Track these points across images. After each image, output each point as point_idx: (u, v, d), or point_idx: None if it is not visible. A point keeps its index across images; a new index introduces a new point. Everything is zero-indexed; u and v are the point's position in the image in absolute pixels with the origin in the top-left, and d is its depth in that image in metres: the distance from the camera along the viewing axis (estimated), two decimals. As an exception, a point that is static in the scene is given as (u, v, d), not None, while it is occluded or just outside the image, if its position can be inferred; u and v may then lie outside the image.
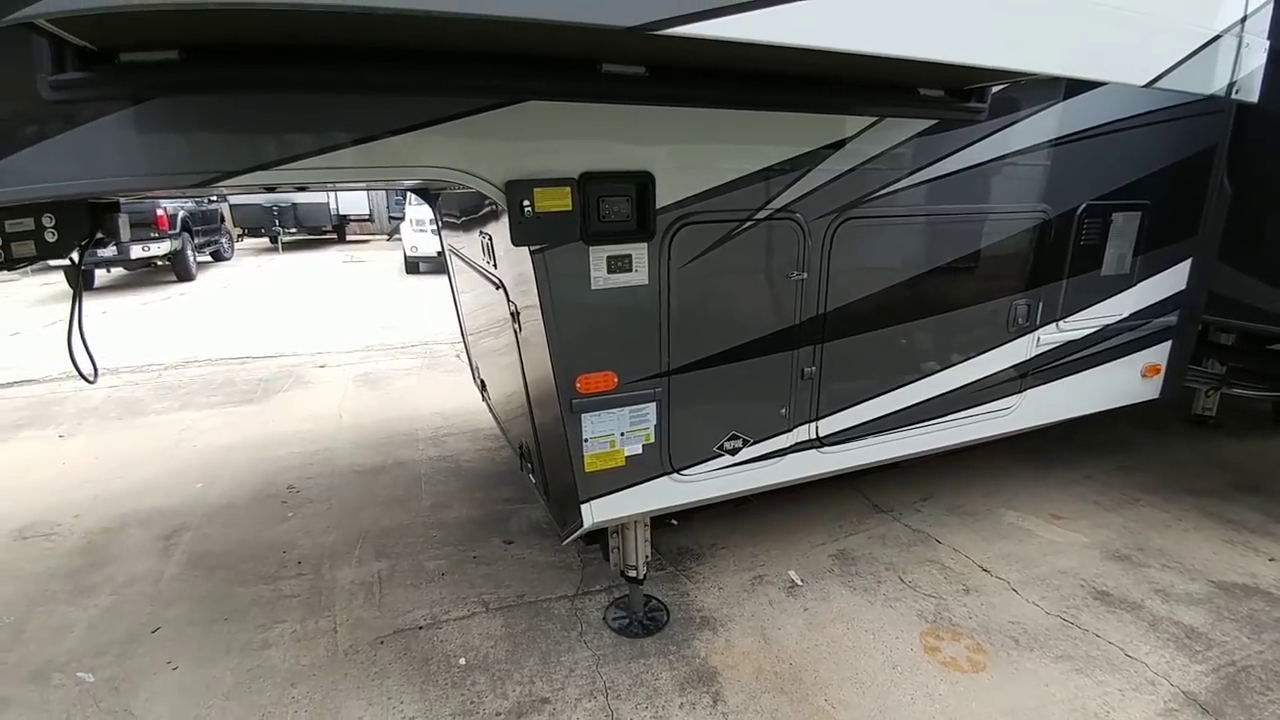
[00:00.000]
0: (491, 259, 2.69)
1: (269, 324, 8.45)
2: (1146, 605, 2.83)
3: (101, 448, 4.60)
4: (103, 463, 4.33)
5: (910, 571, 3.06)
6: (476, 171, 1.91)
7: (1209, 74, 1.81)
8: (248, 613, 2.82)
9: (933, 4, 1.43)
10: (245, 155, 1.70)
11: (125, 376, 6.19)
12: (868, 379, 2.77)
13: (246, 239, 17.62)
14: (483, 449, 4.47)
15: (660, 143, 2.09)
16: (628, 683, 2.41)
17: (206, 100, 1.64)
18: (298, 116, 1.70)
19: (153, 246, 10.59)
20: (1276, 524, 3.47)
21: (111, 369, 6.14)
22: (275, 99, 1.67)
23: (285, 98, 1.67)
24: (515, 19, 1.12)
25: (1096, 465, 4.13)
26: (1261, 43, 1.87)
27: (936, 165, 2.59)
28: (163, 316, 9.10)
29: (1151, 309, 3.39)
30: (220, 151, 1.69)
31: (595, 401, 2.22)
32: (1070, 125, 2.82)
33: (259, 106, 1.66)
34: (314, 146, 1.71)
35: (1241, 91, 1.88)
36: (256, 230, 16.55)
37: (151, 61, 1.50)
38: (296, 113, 1.69)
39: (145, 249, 10.44)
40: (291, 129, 1.71)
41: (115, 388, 5.84)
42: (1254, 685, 2.38)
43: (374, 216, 19.55)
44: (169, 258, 11.29)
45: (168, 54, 1.50)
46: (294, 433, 4.80)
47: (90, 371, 2.53)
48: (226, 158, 1.69)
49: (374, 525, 3.51)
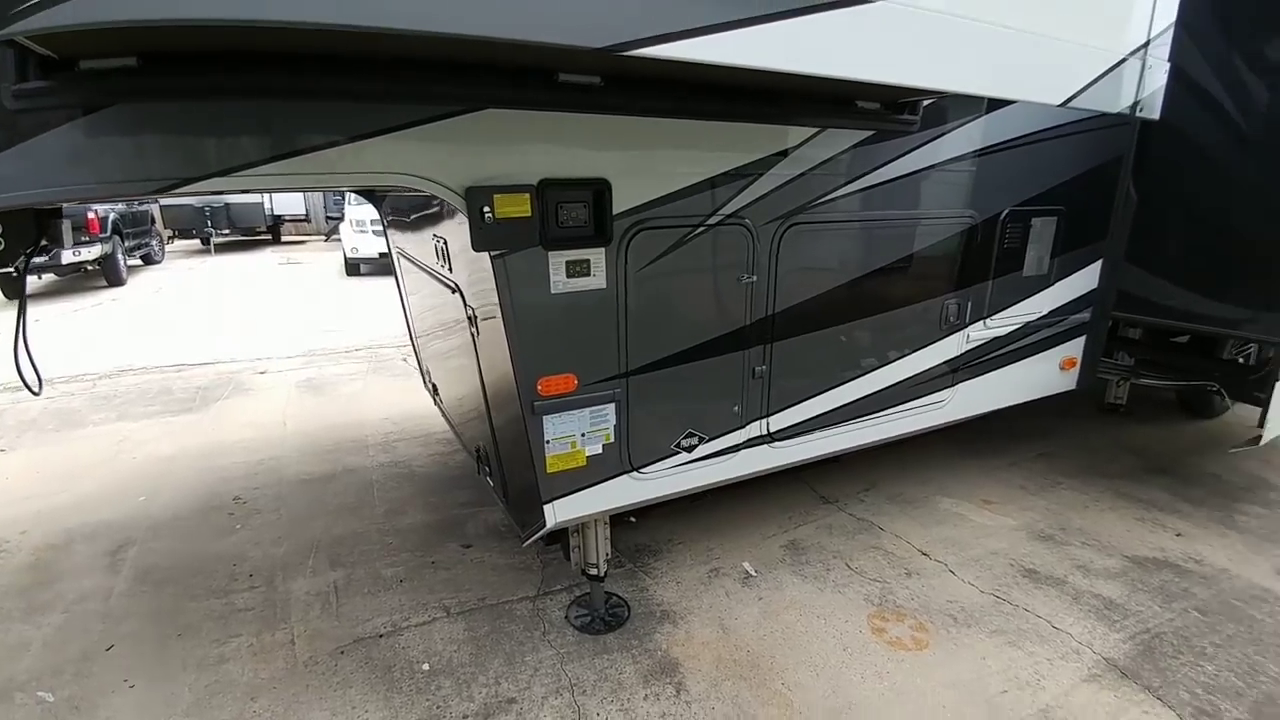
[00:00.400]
0: (446, 262, 2.69)
1: (205, 329, 8.09)
2: (1069, 581, 3.06)
3: (41, 461, 4.37)
4: (44, 477, 4.13)
5: (856, 558, 3.22)
6: (436, 178, 1.92)
7: (1117, 93, 2.01)
8: (201, 627, 2.74)
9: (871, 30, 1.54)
10: (205, 161, 1.69)
11: (60, 387, 5.85)
12: (814, 376, 2.91)
13: (177, 241, 16.72)
14: (436, 454, 4.42)
15: (616, 150, 2.15)
16: (593, 678, 2.46)
17: (165, 107, 1.61)
18: (257, 123, 1.69)
19: (84, 251, 9.92)
20: (1182, 502, 3.81)
21: (47, 379, 5.77)
22: (235, 105, 1.65)
23: (245, 104, 1.66)
24: (492, 39, 1.16)
25: (1021, 453, 4.43)
26: (1163, 64, 2.08)
27: (873, 174, 2.75)
28: (94, 324, 8.60)
29: (1068, 306, 3.68)
30: (180, 158, 1.66)
31: (556, 403, 2.27)
32: (993, 137, 3.04)
33: (218, 113, 1.64)
34: (273, 153, 1.70)
35: (1145, 109, 2.09)
36: (188, 232, 15.72)
37: (110, 69, 1.47)
38: (256, 119, 1.68)
39: (76, 253, 9.77)
40: (251, 135, 1.69)
41: (51, 399, 5.52)
42: (1166, 650, 2.62)
43: (310, 217, 18.87)
44: (99, 262, 10.62)
45: (126, 61, 1.47)
46: (237, 442, 4.63)
47: (35, 382, 2.42)
48: (186, 164, 1.67)
49: (326, 534, 3.44)
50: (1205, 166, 3.47)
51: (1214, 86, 3.37)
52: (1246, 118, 3.34)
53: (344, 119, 1.76)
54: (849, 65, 1.57)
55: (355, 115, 1.78)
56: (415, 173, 1.89)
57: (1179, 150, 3.47)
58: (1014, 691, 2.40)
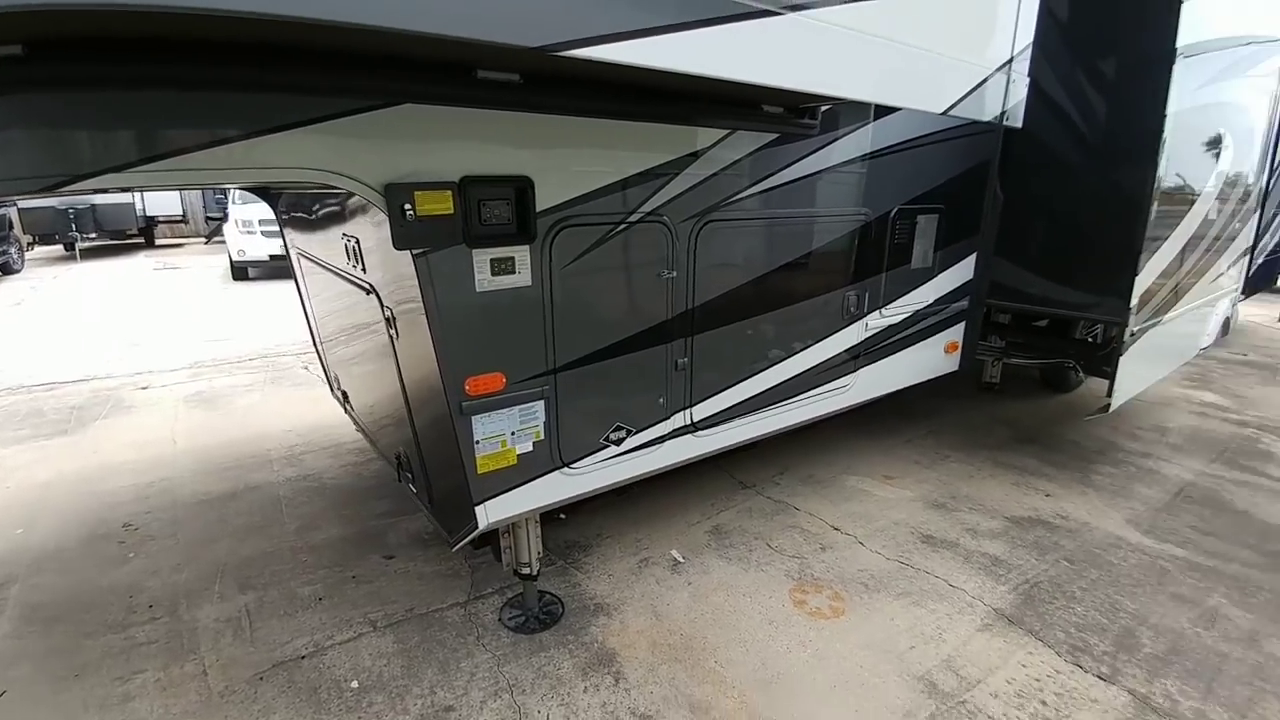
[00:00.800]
0: (358, 262, 2.60)
1: (76, 343, 7.23)
2: (961, 543, 3.39)
3: (-110, 499, 3.76)
4: (-104, 515, 3.56)
5: (776, 538, 3.40)
6: (352, 174, 1.87)
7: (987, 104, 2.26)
8: (100, 666, 2.50)
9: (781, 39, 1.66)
10: (100, 156, 1.55)
11: (-96, 415, 5.05)
12: (733, 367, 3.06)
13: (38, 247, 14.77)
14: (348, 464, 4.23)
15: (538, 148, 2.17)
16: (531, 677, 2.47)
17: (56, 98, 1.47)
18: (160, 115, 1.58)
19: None
20: (1049, 466, 4.30)
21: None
22: (135, 96, 1.53)
23: (146, 95, 1.54)
24: (434, 36, 1.17)
25: (913, 431, 4.83)
26: (1024, 79, 2.36)
27: (778, 174, 2.92)
28: (-56, 342, 7.47)
29: (949, 296, 4.06)
30: (71, 152, 1.53)
31: (485, 403, 2.26)
32: (881, 141, 3.31)
33: (116, 104, 1.51)
34: (177, 146, 1.59)
35: (1010, 118, 2.37)
36: (50, 237, 13.90)
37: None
38: (159, 111, 1.57)
39: None
40: (154, 128, 1.58)
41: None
42: (1043, 597, 2.96)
43: (188, 218, 17.24)
44: (-49, 272, 9.25)
45: (10, 49, 1.33)
46: (121, 464, 4.21)
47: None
48: (78, 159, 1.54)
49: (232, 556, 3.21)
50: (1057, 170, 3.94)
51: (1063, 99, 3.83)
52: (1089, 127, 3.83)
53: (254, 111, 1.68)
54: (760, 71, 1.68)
55: (267, 107, 1.69)
56: (331, 169, 1.82)
57: (1036, 155, 3.92)
58: (920, 646, 2.64)
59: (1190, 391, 5.87)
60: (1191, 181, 4.04)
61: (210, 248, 15.86)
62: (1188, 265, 4.36)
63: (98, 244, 15.66)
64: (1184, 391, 5.85)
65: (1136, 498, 3.90)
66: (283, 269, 10.29)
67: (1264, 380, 6.30)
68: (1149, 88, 3.41)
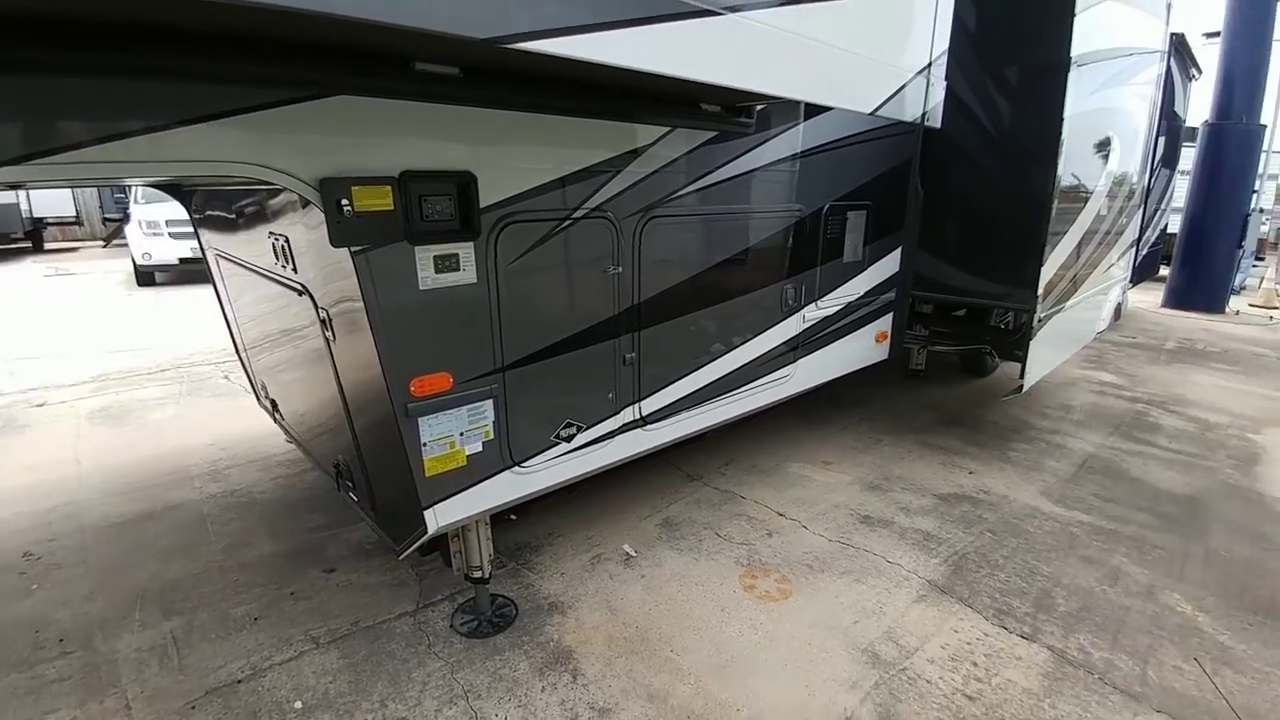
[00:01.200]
0: (288, 262, 2.48)
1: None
2: (896, 521, 3.57)
3: None
4: None
5: (724, 526, 3.48)
6: (283, 167, 1.78)
7: (910, 105, 2.39)
8: (3, 709, 2.27)
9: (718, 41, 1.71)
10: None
11: None
12: (679, 360, 3.10)
13: None
14: (279, 476, 4.02)
15: (480, 143, 2.13)
16: (486, 681, 2.43)
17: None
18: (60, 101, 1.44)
19: None
20: (971, 445, 4.59)
21: None
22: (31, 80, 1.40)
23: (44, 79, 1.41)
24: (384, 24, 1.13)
25: (847, 418, 5.05)
26: (941, 83, 2.51)
27: (717, 171, 2.99)
28: None
29: (878, 287, 4.26)
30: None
31: (431, 404, 2.20)
32: (813, 140, 3.44)
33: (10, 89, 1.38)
34: (83, 137, 1.46)
35: (930, 119, 2.51)
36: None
37: None
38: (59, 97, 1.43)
39: None
40: (54, 116, 1.44)
41: None
42: (970, 567, 3.16)
43: (83, 219, 15.80)
44: None
45: None
46: (16, 488, 3.83)
47: None
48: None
49: (153, 581, 2.99)
50: (970, 169, 4.21)
51: (973, 102, 4.09)
52: (996, 129, 4.11)
53: (170, 101, 1.57)
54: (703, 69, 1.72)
55: (184, 97, 1.59)
56: (260, 162, 1.73)
57: (951, 155, 4.18)
58: (863, 620, 2.77)
59: (1090, 372, 6.40)
60: (1086, 180, 4.41)
61: (109, 251, 14.60)
62: (1084, 257, 4.76)
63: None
64: (1084, 372, 6.37)
65: (1048, 471, 4.21)
66: (193, 273, 9.75)
67: (1151, 360, 6.95)
68: (1048, 93, 3.70)
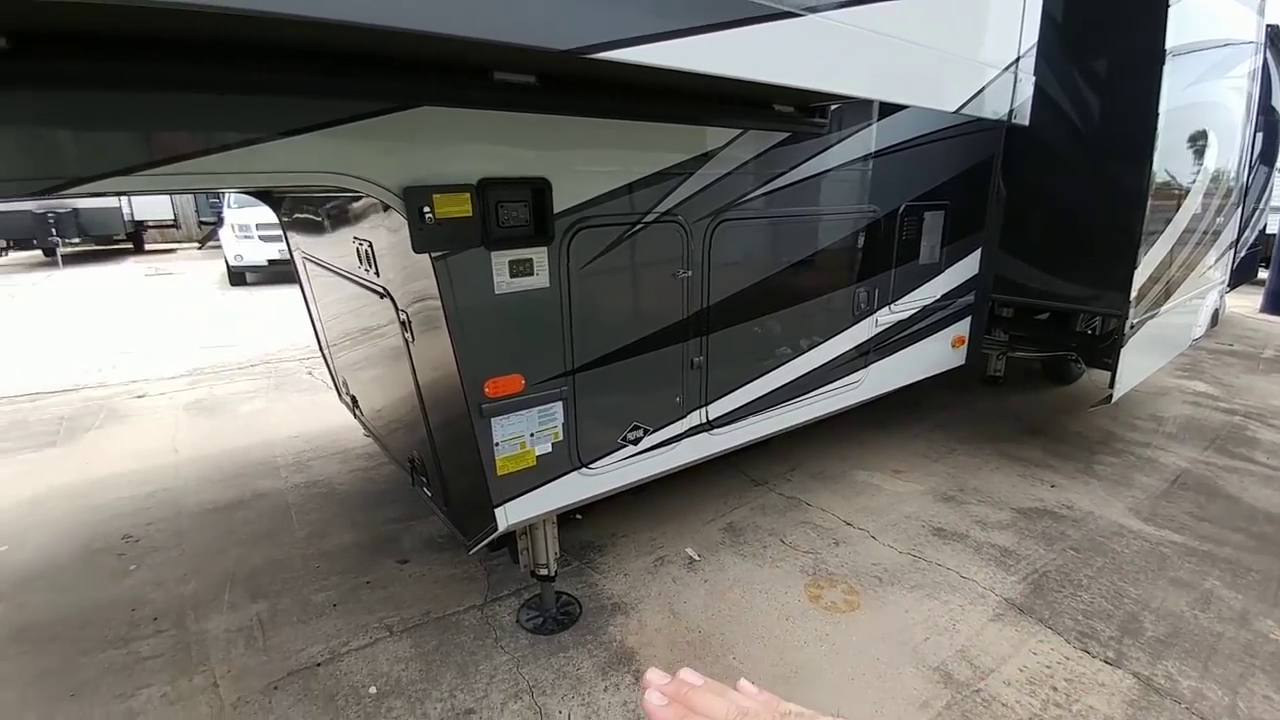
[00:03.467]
0: (371, 266, 2.58)
1: (62, 352, 7.08)
2: (971, 535, 3.42)
3: None
4: None
5: (789, 534, 3.42)
6: (370, 177, 1.85)
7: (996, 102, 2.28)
8: (100, 684, 2.45)
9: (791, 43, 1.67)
10: (102, 159, 1.51)
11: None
12: (747, 364, 3.06)
13: (13, 252, 14.40)
14: (357, 469, 4.20)
15: (554, 149, 2.16)
16: (551, 677, 2.47)
17: (48, 96, 1.43)
18: (167, 117, 1.55)
19: None
20: (1053, 457, 4.35)
21: None
22: (141, 96, 1.51)
23: (152, 95, 1.52)
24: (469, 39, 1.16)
25: (921, 424, 4.87)
26: (1030, 78, 2.38)
27: (790, 173, 2.93)
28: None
29: (956, 290, 4.08)
30: (70, 154, 1.48)
31: (504, 405, 2.25)
32: (889, 139, 3.33)
33: (122, 104, 1.48)
34: (188, 149, 1.56)
35: (1018, 116, 2.39)
36: (27, 242, 13.51)
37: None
38: (166, 112, 1.54)
39: None
40: (162, 130, 1.55)
41: None
42: (1052, 586, 2.99)
43: (180, 222, 16.98)
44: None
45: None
46: (118, 475, 4.15)
47: None
48: (77, 161, 1.49)
49: (241, 565, 3.19)
50: (1056, 166, 3.98)
51: (1061, 98, 3.87)
52: (1085, 124, 3.87)
53: (268, 114, 1.66)
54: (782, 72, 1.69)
55: (282, 110, 1.68)
56: (349, 172, 1.81)
57: (1037, 152, 3.96)
58: (934, 637, 2.66)
59: (1183, 381, 5.95)
60: (1182, 177, 4.10)
61: (205, 253, 15.63)
62: (1180, 259, 4.43)
63: (81, 249, 15.35)
64: (1177, 382, 5.93)
65: (1137, 486, 3.95)
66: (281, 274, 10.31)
67: (1249, 369, 6.41)
68: (1143, 86, 3.46)
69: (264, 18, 1.06)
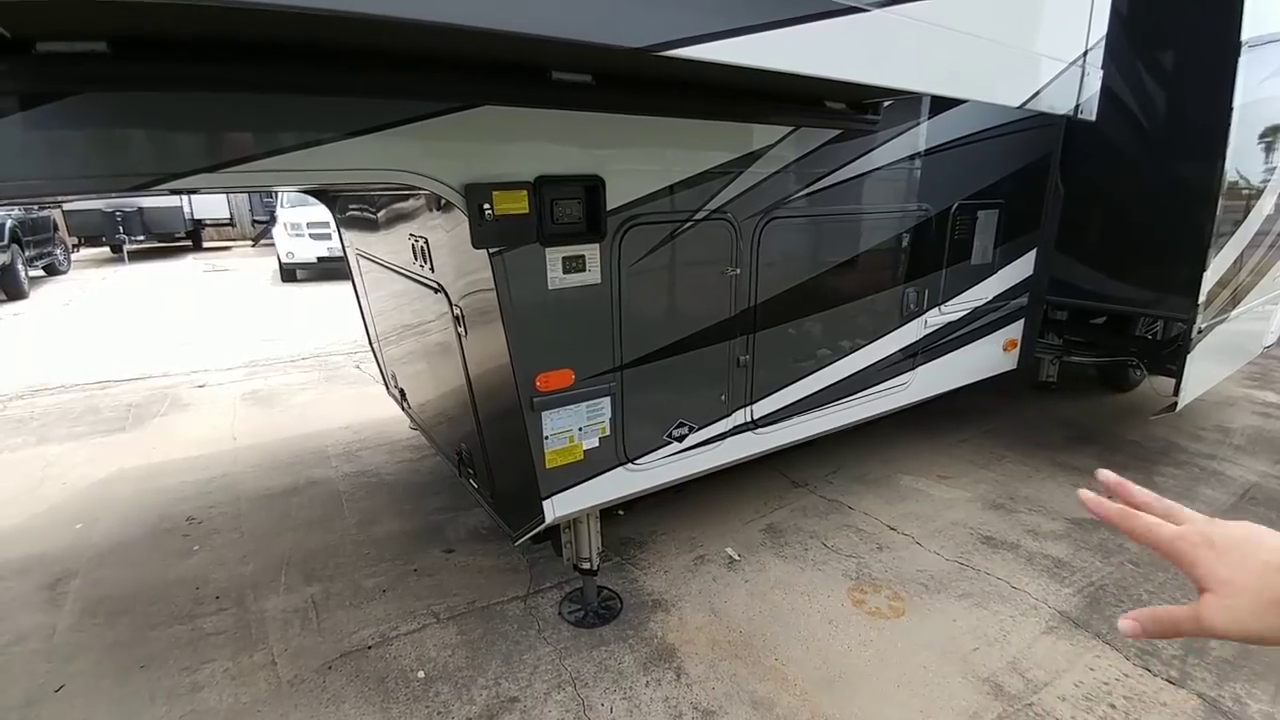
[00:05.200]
0: (426, 262, 2.65)
1: (128, 343, 7.47)
2: (1022, 544, 3.32)
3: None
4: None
5: (831, 537, 3.37)
6: (435, 174, 1.91)
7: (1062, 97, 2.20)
8: (167, 657, 2.58)
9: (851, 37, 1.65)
10: (185, 157, 1.60)
11: (-41, 413, 5.30)
12: (793, 363, 3.04)
13: (84, 249, 15.30)
14: (404, 460, 4.31)
15: (608, 147, 2.19)
16: (593, 670, 2.49)
17: (143, 97, 1.52)
18: (247, 117, 1.62)
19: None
20: (1109, 468, 4.01)
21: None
22: (222, 98, 1.59)
23: (233, 97, 1.60)
24: (542, 37, 1.19)
25: (969, 430, 4.74)
26: (1098, 72, 2.30)
27: (841, 170, 2.90)
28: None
29: (1009, 292, 3.97)
30: (160, 152, 1.57)
31: (554, 399, 2.29)
32: (943, 135, 3.25)
33: (206, 105, 1.56)
34: (263, 149, 1.64)
35: (1084, 112, 2.30)
36: (96, 239, 14.37)
37: (75, 53, 1.38)
38: (248, 114, 1.61)
39: None
40: (240, 131, 1.63)
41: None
42: (1109, 599, 2.89)
43: (235, 220, 17.69)
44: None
45: (94, 45, 1.38)
46: (182, 460, 4.36)
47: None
48: (166, 159, 1.58)
49: (296, 549, 3.31)
50: (1119, 163, 3.82)
51: (1124, 93, 3.72)
52: (1149, 121, 3.72)
53: (339, 115, 1.72)
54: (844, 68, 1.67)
55: (351, 111, 1.74)
56: (415, 170, 1.87)
57: (1098, 148, 3.82)
58: (984, 648, 2.60)
59: (1252, 391, 5.66)
60: (1254, 177, 3.90)
61: (258, 250, 16.23)
62: (1251, 263, 4.21)
63: (145, 246, 16.13)
64: (1246, 391, 5.64)
65: (1202, 500, 3.77)
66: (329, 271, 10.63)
67: (1329, 380, 6.05)
68: (1216, 80, 3.30)
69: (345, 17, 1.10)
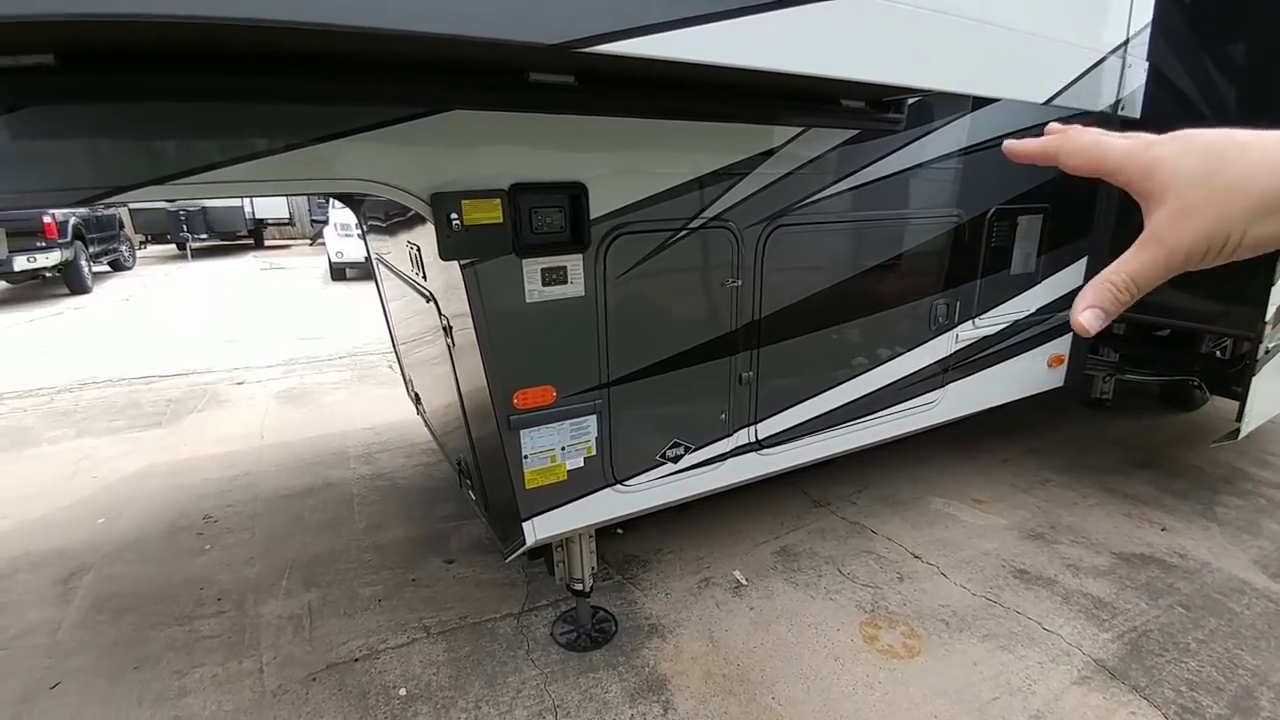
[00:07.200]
0: (420, 270, 2.59)
1: (178, 339, 7.83)
2: (1059, 580, 3.03)
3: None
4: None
5: (848, 563, 3.17)
6: (398, 183, 1.83)
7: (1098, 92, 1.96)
8: (161, 658, 2.61)
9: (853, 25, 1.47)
10: (138, 169, 1.56)
11: (10, 403, 5.61)
12: (803, 381, 2.84)
13: (150, 246, 16.27)
14: (420, 465, 4.32)
15: (591, 152, 2.07)
16: (577, 698, 2.39)
17: (91, 109, 1.49)
18: (199, 127, 1.58)
19: (39, 258, 9.56)
20: (1167, 495, 3.81)
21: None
22: (174, 108, 1.55)
23: (185, 106, 1.55)
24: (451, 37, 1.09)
25: (1010, 449, 4.41)
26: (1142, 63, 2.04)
27: (859, 173, 2.69)
28: (53, 334, 8.25)
29: (1055, 304, 3.64)
30: (107, 165, 1.54)
31: (534, 417, 2.18)
32: (978, 135, 2.99)
33: (154, 116, 1.52)
34: (218, 158, 1.59)
35: (1126, 108, 2.05)
36: (161, 237, 15.27)
37: (20, 67, 1.35)
38: (197, 123, 1.57)
39: (31, 260, 9.43)
40: (193, 139, 1.58)
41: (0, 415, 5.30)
42: (1153, 648, 2.60)
43: (295, 220, 18.45)
44: (59, 269, 10.24)
45: (41, 58, 1.35)
46: (210, 457, 4.48)
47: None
48: (115, 172, 1.55)
49: (303, 553, 3.32)
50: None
51: (1188, 86, 3.36)
52: (1217, 115, 3.34)
53: (295, 122, 1.66)
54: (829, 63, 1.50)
55: (308, 117, 1.68)
56: (377, 178, 1.79)
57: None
58: (1005, 698, 2.36)
59: (1344, 414, 5.08)
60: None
61: (314, 249, 16.88)
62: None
63: (209, 244, 16.99)
64: (1336, 414, 5.07)
65: (1266, 535, 3.39)
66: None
67: None
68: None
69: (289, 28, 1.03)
